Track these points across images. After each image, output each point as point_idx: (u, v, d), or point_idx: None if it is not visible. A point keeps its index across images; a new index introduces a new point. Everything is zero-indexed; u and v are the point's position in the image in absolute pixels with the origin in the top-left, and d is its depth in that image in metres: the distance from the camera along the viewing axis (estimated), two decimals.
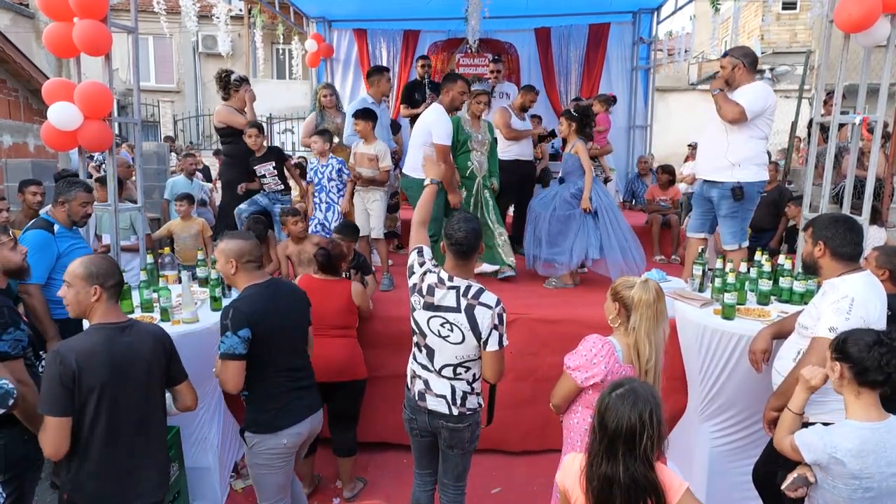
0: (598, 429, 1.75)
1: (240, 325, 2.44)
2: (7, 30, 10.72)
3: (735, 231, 4.11)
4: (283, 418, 2.60)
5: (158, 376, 2.33)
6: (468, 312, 2.44)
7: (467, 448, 2.68)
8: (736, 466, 3.23)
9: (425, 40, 8.08)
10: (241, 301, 2.53)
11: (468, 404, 2.58)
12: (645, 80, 8.13)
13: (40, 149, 8.02)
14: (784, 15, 16.16)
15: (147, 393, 2.29)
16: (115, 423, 2.19)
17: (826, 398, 2.39)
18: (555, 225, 4.72)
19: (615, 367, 2.27)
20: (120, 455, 2.22)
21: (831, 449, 1.99)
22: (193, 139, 16.82)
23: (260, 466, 2.65)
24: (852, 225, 2.46)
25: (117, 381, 2.17)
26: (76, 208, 3.53)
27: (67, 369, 2.08)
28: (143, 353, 2.26)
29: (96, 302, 2.23)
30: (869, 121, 3.70)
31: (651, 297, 2.26)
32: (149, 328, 2.40)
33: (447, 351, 2.51)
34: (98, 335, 2.20)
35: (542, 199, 4.97)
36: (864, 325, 2.27)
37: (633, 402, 1.71)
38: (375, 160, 4.77)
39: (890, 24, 3.48)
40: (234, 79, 5.05)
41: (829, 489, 2.03)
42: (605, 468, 1.72)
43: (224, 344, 2.44)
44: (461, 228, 2.47)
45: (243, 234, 2.75)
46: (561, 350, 3.92)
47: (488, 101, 5.03)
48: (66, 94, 3.62)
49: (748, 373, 2.93)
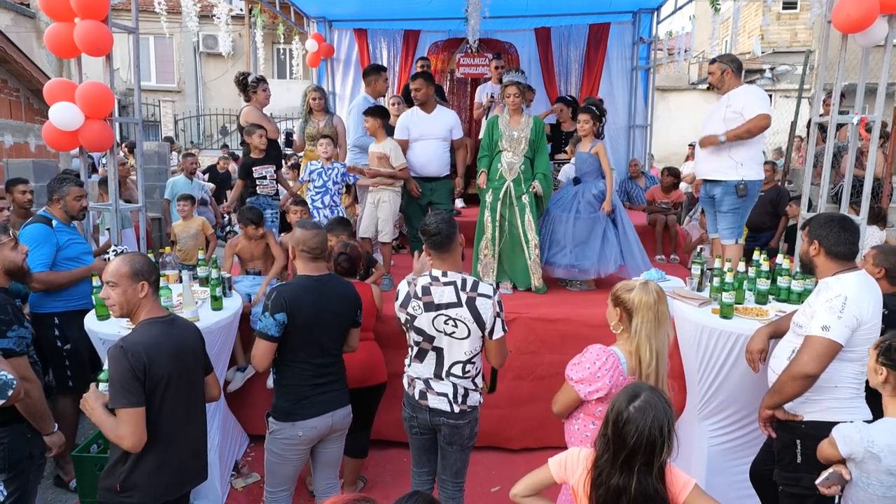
0: (613, 441, 1.69)
1: (278, 308, 2.54)
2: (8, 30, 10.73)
3: (734, 227, 4.22)
4: (301, 410, 2.65)
5: (202, 366, 2.46)
6: (470, 305, 2.49)
7: (466, 444, 2.71)
8: (734, 465, 3.24)
9: (425, 40, 8.08)
10: (287, 287, 2.65)
11: (469, 402, 2.62)
12: (645, 80, 8.13)
13: (41, 149, 8.04)
14: (784, 15, 16.16)
15: (195, 380, 2.41)
16: (177, 409, 2.29)
17: (821, 397, 2.40)
18: (581, 229, 4.54)
19: (619, 381, 2.19)
20: (178, 443, 2.32)
21: (868, 443, 2.00)
22: (194, 139, 16.84)
23: (274, 454, 2.71)
24: (847, 224, 2.47)
25: (180, 372, 2.28)
26: (71, 202, 3.56)
27: (139, 361, 2.14)
28: (191, 344, 2.38)
29: (144, 298, 2.28)
30: (867, 120, 3.71)
31: (651, 299, 2.21)
32: (186, 321, 2.53)
33: (456, 348, 2.55)
34: (155, 328, 2.26)
35: (560, 200, 4.74)
36: (857, 325, 2.28)
37: (653, 416, 1.66)
38: (385, 158, 4.75)
39: (888, 25, 3.50)
40: (252, 80, 5.13)
41: (864, 487, 2.04)
42: (616, 480, 1.68)
43: (261, 322, 2.57)
44: (431, 221, 2.55)
45: (308, 224, 2.80)
46: (560, 349, 3.98)
47: (520, 93, 4.45)
48: (68, 94, 3.63)
49: (746, 372, 2.95)
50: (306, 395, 2.66)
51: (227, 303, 3.59)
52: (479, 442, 3.89)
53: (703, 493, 1.75)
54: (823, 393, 2.39)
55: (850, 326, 2.27)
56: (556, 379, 3.95)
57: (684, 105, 15.47)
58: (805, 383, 2.34)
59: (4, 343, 2.54)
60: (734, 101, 4.02)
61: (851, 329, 2.28)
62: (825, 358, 2.29)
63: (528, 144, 4.44)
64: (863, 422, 2.14)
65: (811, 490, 2.40)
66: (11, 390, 2.20)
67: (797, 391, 2.38)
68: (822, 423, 2.37)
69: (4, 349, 2.52)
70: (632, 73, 8.02)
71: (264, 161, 4.89)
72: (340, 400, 2.77)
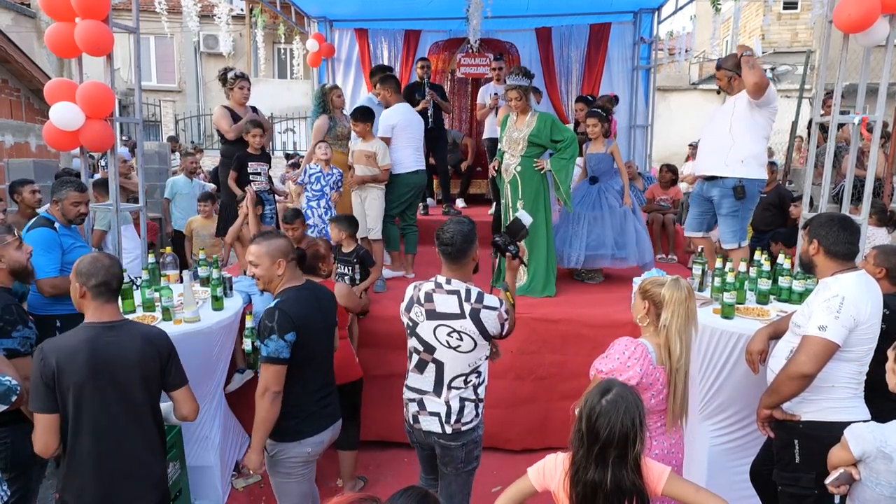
0: (586, 436, 1.73)
1: (287, 329, 2.37)
2: (9, 29, 10.74)
3: (735, 230, 4.14)
4: (307, 426, 2.53)
5: (146, 377, 2.25)
6: (474, 317, 2.39)
7: (461, 469, 2.56)
8: (735, 465, 3.24)
9: (426, 40, 8.08)
10: (286, 303, 2.44)
11: (464, 418, 2.49)
12: (646, 80, 8.13)
13: (42, 148, 8.05)
14: (785, 14, 16.16)
15: (133, 394, 2.23)
16: (99, 423, 2.16)
17: (818, 397, 2.40)
18: (616, 221, 4.79)
19: (649, 369, 2.18)
20: (107, 456, 2.19)
21: (881, 443, 2.00)
22: (195, 139, 16.84)
23: (282, 475, 2.57)
24: (847, 224, 2.46)
25: (98, 381, 2.15)
26: (67, 207, 3.56)
27: (47, 368, 2.09)
28: (128, 353, 2.20)
29: (82, 299, 2.23)
30: (868, 120, 3.71)
31: (683, 295, 2.20)
32: (142, 329, 2.34)
33: (459, 361, 2.46)
34: (83, 333, 2.19)
35: (585, 199, 4.92)
36: (854, 325, 2.27)
37: (625, 408, 1.70)
38: (374, 157, 4.77)
39: (889, 25, 3.49)
40: (231, 76, 4.96)
41: (872, 487, 2.03)
42: (592, 475, 1.71)
43: (268, 347, 2.37)
44: (448, 229, 2.42)
45: (276, 233, 2.71)
46: (561, 349, 3.98)
47: (521, 96, 4.38)
48: (68, 94, 3.63)
49: (747, 372, 2.94)
50: (312, 410, 2.55)
51: (227, 303, 3.59)
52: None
53: (679, 479, 1.78)
54: (821, 393, 2.38)
55: (847, 326, 2.27)
56: (558, 379, 3.99)
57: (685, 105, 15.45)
58: (802, 383, 2.33)
59: (9, 343, 2.55)
60: (740, 102, 3.96)
61: (849, 329, 2.27)
62: (822, 358, 2.28)
63: (526, 145, 4.39)
64: (875, 423, 2.13)
65: (810, 490, 2.41)
66: (15, 396, 2.20)
67: (794, 391, 2.37)
68: (820, 423, 2.37)
69: (9, 349, 2.53)
70: (632, 73, 8.02)
71: (260, 158, 4.89)
72: (338, 411, 2.74)
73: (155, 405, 2.33)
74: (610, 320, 3.91)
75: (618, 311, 4.03)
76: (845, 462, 2.10)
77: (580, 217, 4.84)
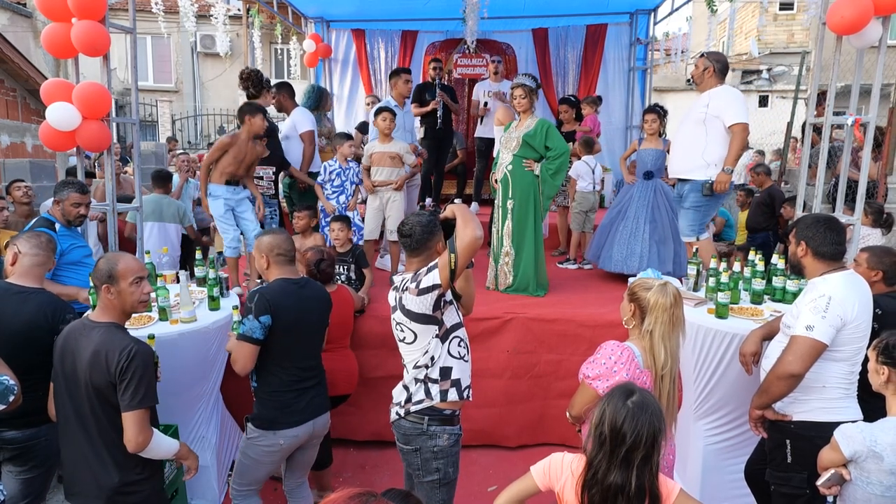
0: (610, 438, 1.68)
1: (263, 310, 2.51)
2: (5, 29, 10.71)
3: (693, 224, 4.27)
4: (284, 418, 2.62)
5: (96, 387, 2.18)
6: (401, 306, 2.31)
7: (421, 478, 2.42)
8: (729, 464, 3.25)
9: (423, 40, 8.10)
10: (268, 289, 2.61)
11: (414, 398, 2.36)
12: (642, 81, 8.15)
13: (38, 149, 8.04)
14: (781, 15, 16.21)
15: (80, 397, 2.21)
16: (61, 411, 2.31)
17: (809, 397, 2.42)
18: (668, 233, 4.80)
19: (636, 374, 2.15)
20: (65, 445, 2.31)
21: (871, 442, 2.01)
22: (192, 139, 16.81)
23: (250, 458, 2.70)
24: (833, 225, 2.47)
25: (64, 368, 2.27)
26: (68, 208, 3.57)
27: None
28: (83, 353, 2.20)
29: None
30: (861, 121, 3.73)
31: (668, 302, 2.17)
32: (108, 339, 2.20)
33: (411, 352, 2.39)
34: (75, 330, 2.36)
35: (641, 199, 4.92)
36: (841, 324, 2.29)
37: (651, 411, 1.67)
38: (398, 158, 4.82)
39: (881, 27, 3.51)
40: (268, 79, 5.06)
41: (863, 486, 2.05)
42: (614, 477, 1.67)
43: (244, 325, 2.52)
44: (406, 222, 2.39)
45: (275, 230, 2.82)
46: (557, 348, 3.99)
47: (526, 95, 4.45)
48: (65, 94, 3.63)
49: (741, 372, 2.96)
50: (289, 401, 2.63)
51: (224, 303, 3.59)
52: (476, 441, 3.92)
53: (690, 498, 1.76)
54: (812, 393, 2.40)
55: (834, 326, 2.28)
56: (553, 378, 4.00)
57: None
58: (790, 383, 2.35)
59: None
60: (713, 103, 4.04)
61: (836, 329, 2.29)
62: (809, 358, 2.29)
63: (520, 144, 4.43)
64: (863, 422, 2.15)
65: (802, 489, 2.42)
66: (13, 395, 2.21)
67: (783, 391, 2.39)
68: (811, 424, 2.39)
69: None
70: (629, 74, 8.05)
71: (265, 161, 4.89)
72: (323, 406, 2.77)
73: (110, 416, 2.21)
74: (605, 320, 3.92)
75: (613, 311, 4.02)
76: (836, 463, 2.11)
77: (640, 219, 4.82)
